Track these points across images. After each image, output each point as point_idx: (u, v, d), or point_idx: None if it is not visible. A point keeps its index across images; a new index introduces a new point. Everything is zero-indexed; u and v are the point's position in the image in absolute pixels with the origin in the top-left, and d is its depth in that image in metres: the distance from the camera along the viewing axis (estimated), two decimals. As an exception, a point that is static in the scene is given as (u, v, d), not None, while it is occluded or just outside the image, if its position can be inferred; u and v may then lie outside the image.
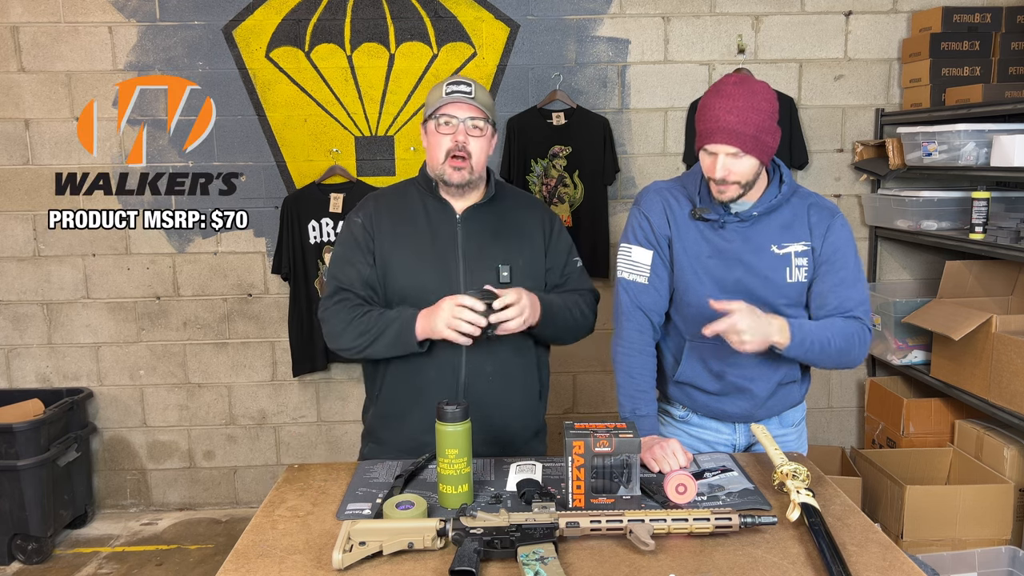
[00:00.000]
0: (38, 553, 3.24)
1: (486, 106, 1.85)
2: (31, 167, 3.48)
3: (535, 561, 1.29)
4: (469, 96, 1.82)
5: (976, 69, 3.25)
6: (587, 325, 1.98)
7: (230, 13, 3.40)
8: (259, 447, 3.72)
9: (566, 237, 2.02)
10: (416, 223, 1.90)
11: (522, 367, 1.94)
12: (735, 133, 1.67)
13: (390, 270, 1.87)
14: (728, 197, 1.75)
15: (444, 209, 1.90)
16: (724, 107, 1.68)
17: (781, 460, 1.59)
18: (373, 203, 1.96)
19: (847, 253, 1.82)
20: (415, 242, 1.88)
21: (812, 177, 3.56)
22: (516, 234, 1.92)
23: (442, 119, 1.83)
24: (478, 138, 1.84)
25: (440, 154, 1.83)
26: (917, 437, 3.25)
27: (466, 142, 1.82)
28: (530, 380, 1.96)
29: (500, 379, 1.88)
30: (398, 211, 1.92)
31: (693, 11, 3.45)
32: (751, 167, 1.72)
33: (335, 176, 3.49)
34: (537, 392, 1.99)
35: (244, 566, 1.36)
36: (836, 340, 1.76)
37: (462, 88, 1.83)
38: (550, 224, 1.99)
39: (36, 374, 3.63)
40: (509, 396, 1.90)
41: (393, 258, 1.87)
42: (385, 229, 1.89)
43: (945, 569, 2.48)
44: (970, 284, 3.16)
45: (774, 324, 1.69)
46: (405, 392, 1.89)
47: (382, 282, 1.88)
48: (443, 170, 1.84)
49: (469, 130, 1.83)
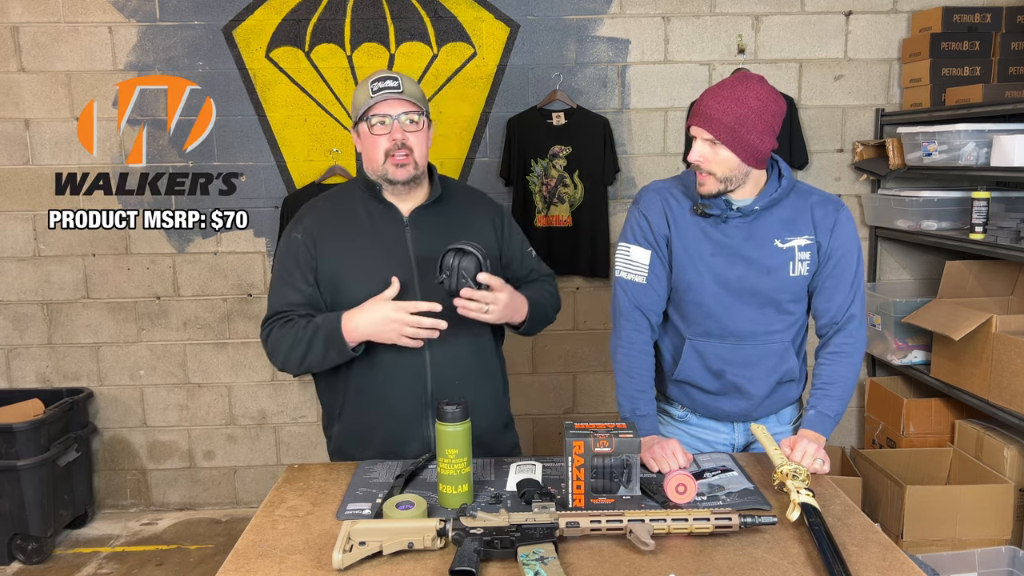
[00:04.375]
0: (38, 553, 3.24)
1: (417, 98, 1.78)
2: (31, 167, 3.48)
3: (535, 561, 1.29)
4: (398, 91, 1.74)
5: (976, 69, 3.25)
6: (557, 309, 1.98)
7: (230, 13, 3.40)
8: (259, 447, 3.72)
9: (516, 228, 1.98)
10: (361, 230, 1.81)
11: (483, 368, 1.91)
12: (710, 119, 1.68)
13: (340, 282, 1.79)
14: (706, 191, 1.76)
15: (390, 212, 1.83)
16: (712, 94, 1.71)
17: (781, 460, 1.59)
18: (312, 214, 1.86)
19: (852, 249, 1.84)
20: (363, 250, 1.79)
21: (812, 177, 3.56)
22: (466, 232, 1.81)
23: (374, 119, 1.75)
24: (415, 132, 1.77)
25: (379, 155, 1.76)
26: (917, 437, 3.25)
27: (404, 138, 1.75)
28: (493, 378, 1.94)
29: (465, 384, 1.84)
30: (341, 219, 1.83)
31: (693, 11, 3.45)
32: (726, 161, 1.71)
33: (335, 176, 3.49)
34: (501, 389, 1.98)
35: (244, 566, 1.36)
36: (850, 383, 1.84)
37: (389, 84, 1.74)
38: (500, 218, 1.94)
39: (36, 374, 3.63)
40: (476, 399, 1.83)
41: (341, 270, 1.79)
42: (328, 239, 1.81)
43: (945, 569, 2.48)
44: (970, 284, 3.16)
45: (819, 441, 1.77)
46: (371, 408, 1.84)
47: (332, 295, 1.80)
48: (385, 170, 1.77)
49: (405, 126, 1.75)
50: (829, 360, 1.84)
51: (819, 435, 1.77)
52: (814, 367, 1.88)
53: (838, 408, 1.81)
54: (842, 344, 1.84)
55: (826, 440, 1.78)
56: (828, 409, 1.80)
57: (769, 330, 1.85)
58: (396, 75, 1.77)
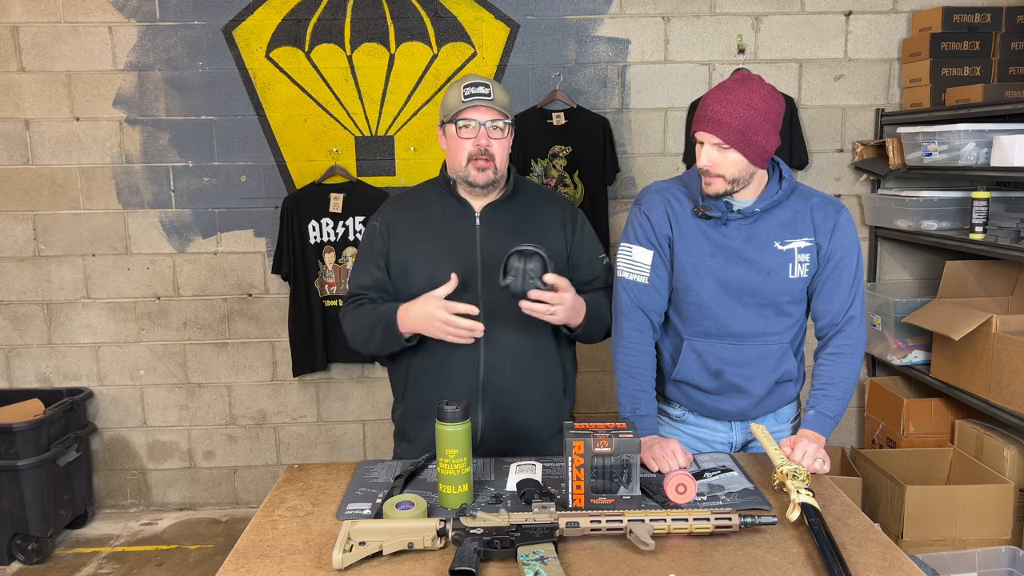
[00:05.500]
0: (38, 553, 3.24)
1: (505, 107, 1.83)
2: (31, 167, 3.48)
3: (535, 561, 1.29)
4: (488, 99, 1.80)
5: (976, 69, 3.25)
6: (611, 323, 1.98)
7: (230, 13, 3.40)
8: (259, 447, 3.72)
9: (590, 232, 2.00)
10: (435, 223, 1.90)
11: (543, 363, 1.93)
12: (720, 123, 1.69)
13: (410, 271, 1.88)
14: (713, 191, 1.76)
15: (463, 208, 1.90)
16: (717, 98, 1.71)
17: (781, 460, 1.59)
18: (392, 204, 1.98)
19: (852, 251, 1.84)
20: (434, 242, 1.88)
21: (812, 177, 3.56)
22: (536, 231, 1.89)
23: (460, 123, 1.81)
24: (500, 140, 1.83)
25: (462, 158, 1.83)
26: (917, 437, 3.25)
27: (488, 145, 1.81)
28: (552, 376, 1.96)
29: (519, 376, 1.88)
30: (417, 212, 1.93)
31: (693, 11, 3.45)
32: (736, 163, 1.72)
33: (335, 176, 3.49)
34: (561, 388, 1.98)
35: (244, 566, 1.36)
36: (850, 384, 1.84)
37: (480, 91, 1.80)
38: (572, 220, 1.97)
39: (36, 374, 3.63)
40: (529, 393, 1.90)
41: (412, 259, 1.88)
42: (403, 230, 1.91)
43: (945, 569, 2.48)
44: (970, 284, 3.16)
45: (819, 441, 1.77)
46: (428, 390, 1.89)
47: (399, 283, 1.90)
48: (467, 172, 1.83)
49: (490, 132, 1.81)
50: (829, 361, 1.84)
51: (819, 435, 1.77)
52: (814, 367, 1.88)
53: (838, 408, 1.81)
54: (842, 345, 1.84)
55: (826, 440, 1.79)
56: (828, 409, 1.80)
57: (768, 331, 1.86)
58: (488, 82, 1.83)
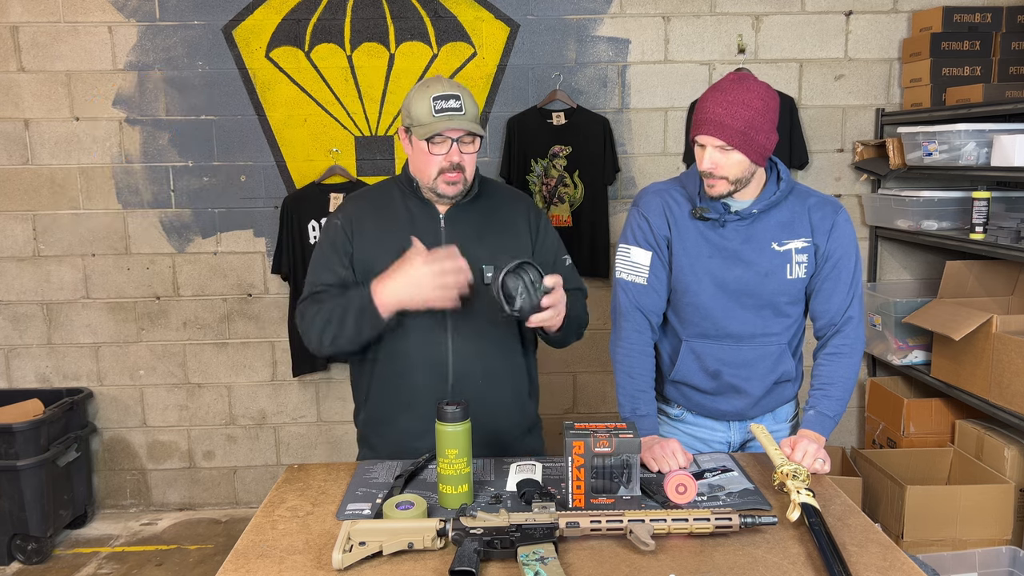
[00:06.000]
0: (38, 553, 3.24)
1: (476, 118, 1.78)
2: (31, 167, 3.48)
3: (535, 561, 1.29)
4: (460, 114, 1.74)
5: (976, 69, 3.25)
6: (584, 326, 1.96)
7: (230, 13, 3.40)
8: (259, 447, 3.72)
9: (553, 234, 1.97)
10: (399, 224, 1.84)
11: (510, 368, 1.91)
12: (722, 126, 1.68)
13: (372, 271, 1.80)
14: (717, 192, 1.76)
15: (427, 209, 1.85)
16: (716, 100, 1.70)
17: (781, 460, 1.59)
18: (354, 204, 1.92)
19: (850, 251, 1.84)
20: (397, 243, 1.79)
21: (812, 177, 3.56)
22: (501, 232, 1.86)
23: (435, 139, 1.74)
24: (470, 153, 1.79)
25: (432, 171, 1.77)
26: (917, 437, 3.25)
27: (460, 160, 1.76)
28: (519, 380, 1.94)
29: (489, 380, 1.85)
30: (379, 211, 1.88)
31: (693, 11, 3.45)
32: (739, 163, 1.72)
33: (335, 176, 3.48)
34: (527, 391, 1.97)
35: (244, 566, 1.36)
36: (850, 384, 1.84)
37: (452, 105, 1.74)
38: (536, 221, 1.94)
39: (36, 374, 3.63)
40: (499, 397, 1.87)
41: (375, 260, 1.80)
42: (366, 230, 1.85)
43: (945, 569, 2.48)
44: (970, 284, 3.16)
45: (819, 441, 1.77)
46: (393, 397, 1.87)
47: (364, 283, 1.81)
48: (435, 185, 1.78)
49: (462, 147, 1.76)
50: (828, 361, 1.84)
51: (819, 435, 1.77)
52: (813, 367, 1.88)
53: (838, 408, 1.81)
54: (841, 345, 1.84)
55: (826, 440, 1.78)
56: (828, 409, 1.80)
57: (767, 332, 1.86)
58: (458, 93, 1.75)
